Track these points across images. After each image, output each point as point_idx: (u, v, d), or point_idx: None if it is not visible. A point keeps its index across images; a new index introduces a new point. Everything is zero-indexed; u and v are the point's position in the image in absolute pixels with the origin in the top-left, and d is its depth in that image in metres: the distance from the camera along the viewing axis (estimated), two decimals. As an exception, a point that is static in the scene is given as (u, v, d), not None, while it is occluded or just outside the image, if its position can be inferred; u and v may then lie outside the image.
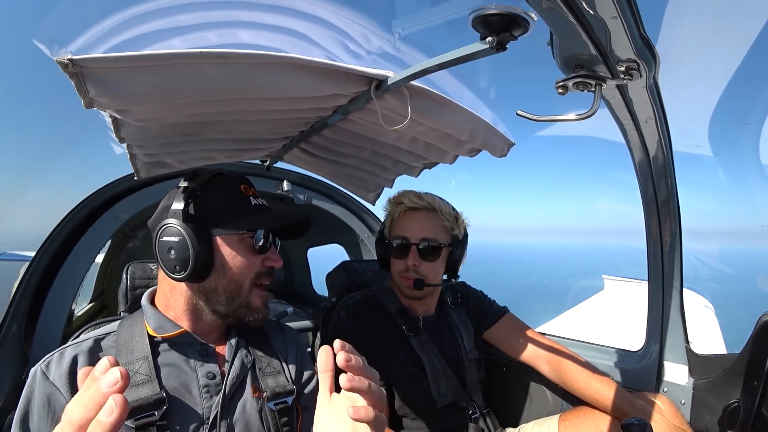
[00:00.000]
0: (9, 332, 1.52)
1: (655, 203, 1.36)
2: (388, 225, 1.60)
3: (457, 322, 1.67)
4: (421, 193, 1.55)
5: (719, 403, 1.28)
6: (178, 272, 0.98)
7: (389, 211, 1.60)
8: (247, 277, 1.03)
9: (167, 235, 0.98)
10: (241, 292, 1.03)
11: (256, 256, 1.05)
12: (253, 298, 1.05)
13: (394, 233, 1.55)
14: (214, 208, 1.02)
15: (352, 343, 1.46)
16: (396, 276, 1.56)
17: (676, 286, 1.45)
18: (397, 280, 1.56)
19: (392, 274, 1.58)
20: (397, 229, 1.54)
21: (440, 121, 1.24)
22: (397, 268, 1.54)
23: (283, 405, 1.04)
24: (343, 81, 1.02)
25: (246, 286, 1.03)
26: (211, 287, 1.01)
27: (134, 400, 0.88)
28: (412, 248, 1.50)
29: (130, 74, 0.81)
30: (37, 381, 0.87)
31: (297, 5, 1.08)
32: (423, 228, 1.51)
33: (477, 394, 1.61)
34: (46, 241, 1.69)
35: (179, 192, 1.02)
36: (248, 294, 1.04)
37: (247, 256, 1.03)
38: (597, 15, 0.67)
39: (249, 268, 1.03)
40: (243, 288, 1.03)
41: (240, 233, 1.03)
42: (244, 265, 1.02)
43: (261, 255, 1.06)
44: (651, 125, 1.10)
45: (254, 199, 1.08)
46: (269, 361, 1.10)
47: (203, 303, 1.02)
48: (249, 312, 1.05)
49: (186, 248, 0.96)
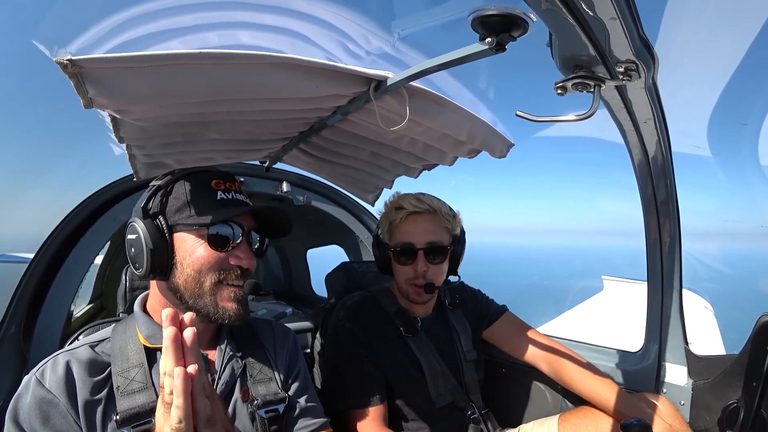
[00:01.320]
0: (8, 333, 1.52)
1: (654, 204, 1.36)
2: (385, 230, 1.55)
3: (454, 323, 1.67)
4: (419, 195, 1.53)
5: (718, 403, 1.28)
6: (138, 269, 0.99)
7: (388, 216, 1.55)
8: (207, 274, 0.98)
9: (129, 233, 1.00)
10: (203, 290, 0.98)
11: (219, 253, 0.99)
12: (220, 298, 0.99)
13: (396, 239, 1.51)
14: (176, 205, 1.00)
15: (351, 344, 1.47)
16: (403, 283, 1.52)
17: (676, 287, 1.45)
18: (404, 288, 1.52)
19: (397, 281, 1.55)
20: (400, 235, 1.51)
21: (439, 122, 1.24)
22: (404, 275, 1.51)
23: (273, 413, 1.03)
24: (342, 82, 1.02)
25: (207, 285, 0.98)
26: (175, 285, 0.99)
27: (131, 407, 0.88)
28: (419, 254, 1.47)
29: (129, 74, 0.81)
30: (31, 387, 0.86)
31: (296, 6, 1.08)
32: (427, 232, 1.49)
33: (476, 394, 1.61)
34: (46, 242, 1.69)
35: (147, 191, 1.03)
36: (212, 293, 0.98)
37: (206, 253, 0.98)
38: (596, 16, 0.67)
39: (207, 265, 0.98)
40: (204, 286, 0.98)
41: (197, 228, 0.98)
42: (202, 261, 0.97)
43: (224, 251, 1.00)
44: (650, 126, 1.11)
45: (224, 193, 1.03)
46: (260, 367, 1.08)
47: (175, 301, 1.00)
48: (217, 312, 0.99)
49: (141, 246, 0.96)
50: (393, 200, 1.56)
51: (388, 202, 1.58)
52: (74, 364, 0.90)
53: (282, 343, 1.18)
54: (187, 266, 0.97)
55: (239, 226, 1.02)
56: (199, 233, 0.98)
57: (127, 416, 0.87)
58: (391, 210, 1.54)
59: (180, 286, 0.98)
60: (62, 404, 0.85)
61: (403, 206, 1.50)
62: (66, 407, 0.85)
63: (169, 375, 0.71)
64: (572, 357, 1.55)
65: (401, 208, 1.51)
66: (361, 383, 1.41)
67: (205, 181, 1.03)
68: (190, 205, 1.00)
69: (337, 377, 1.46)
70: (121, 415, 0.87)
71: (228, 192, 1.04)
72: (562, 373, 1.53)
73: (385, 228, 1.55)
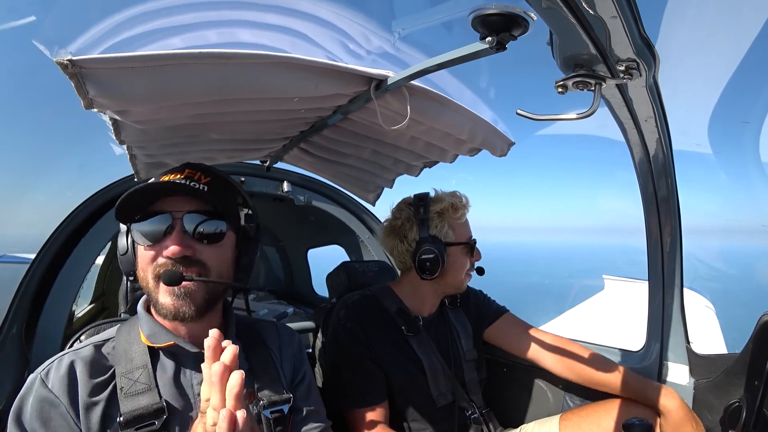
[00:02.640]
0: (9, 334, 1.52)
1: (655, 202, 1.36)
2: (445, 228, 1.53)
3: (455, 322, 1.67)
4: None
5: (720, 403, 1.28)
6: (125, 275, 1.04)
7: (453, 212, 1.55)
8: (146, 271, 0.94)
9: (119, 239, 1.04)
10: (149, 289, 0.95)
11: (151, 247, 0.93)
12: (159, 296, 0.93)
13: (466, 235, 1.58)
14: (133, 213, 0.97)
15: (351, 344, 1.47)
16: (462, 275, 1.59)
17: (677, 286, 1.45)
18: (463, 280, 1.60)
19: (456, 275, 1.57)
20: (467, 231, 1.59)
21: (440, 121, 1.24)
22: (465, 267, 1.59)
23: (278, 414, 1.03)
24: (343, 81, 1.02)
25: (150, 283, 0.94)
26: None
27: (135, 409, 0.87)
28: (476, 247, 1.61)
29: (130, 75, 0.81)
30: (35, 387, 0.86)
31: (297, 5, 1.08)
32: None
33: (477, 394, 1.61)
34: (47, 243, 1.69)
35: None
36: (155, 291, 0.93)
37: (143, 253, 0.95)
38: (596, 14, 0.67)
39: (144, 262, 0.94)
40: (149, 286, 0.94)
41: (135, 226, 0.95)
42: (143, 257, 0.95)
43: (157, 244, 0.93)
44: (651, 124, 1.10)
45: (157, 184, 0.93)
46: (265, 368, 1.08)
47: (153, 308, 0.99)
48: (163, 310, 0.93)
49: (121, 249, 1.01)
50: (452, 199, 1.57)
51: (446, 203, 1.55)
52: (78, 364, 0.90)
53: (287, 345, 1.18)
54: (140, 271, 0.97)
55: (170, 214, 0.93)
56: (138, 229, 0.95)
57: (131, 417, 0.86)
58: (457, 208, 1.56)
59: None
60: (63, 405, 0.85)
61: (466, 205, 1.59)
62: (67, 408, 0.85)
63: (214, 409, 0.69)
64: (577, 348, 1.57)
65: (465, 207, 1.58)
66: (361, 383, 1.41)
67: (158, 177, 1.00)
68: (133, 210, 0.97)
69: (338, 377, 1.46)
70: (125, 416, 0.87)
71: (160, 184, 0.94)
72: (571, 363, 1.54)
73: (446, 226, 1.54)
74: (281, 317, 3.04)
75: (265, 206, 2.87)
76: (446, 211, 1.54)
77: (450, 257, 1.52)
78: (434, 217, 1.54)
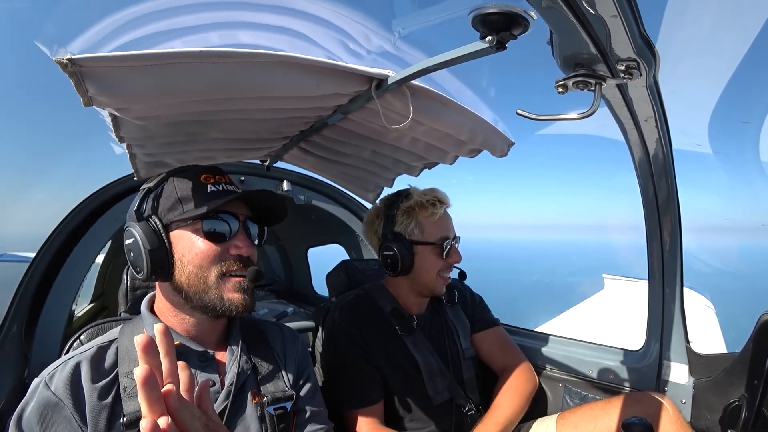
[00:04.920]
0: (9, 333, 1.52)
1: (655, 202, 1.36)
2: (413, 226, 1.50)
3: (453, 320, 1.67)
4: (436, 190, 1.55)
5: (720, 402, 1.28)
6: (140, 273, 0.98)
7: (421, 210, 1.51)
8: (209, 268, 0.96)
9: (126, 238, 1.00)
10: (207, 285, 0.96)
11: (217, 245, 0.97)
12: (225, 291, 0.97)
13: (437, 234, 1.50)
14: (168, 204, 0.99)
15: (347, 344, 1.47)
16: (434, 277, 1.52)
17: (677, 285, 1.45)
18: (434, 282, 1.52)
19: (426, 276, 1.52)
20: (440, 230, 1.51)
21: (440, 121, 1.24)
22: (436, 268, 1.51)
23: (281, 410, 1.03)
24: (343, 80, 1.02)
25: (211, 278, 0.96)
26: (179, 284, 0.97)
27: (137, 410, 0.87)
28: (453, 246, 1.53)
29: (129, 73, 0.81)
30: (38, 391, 0.86)
31: (297, 5, 1.08)
32: (452, 224, 1.56)
33: (474, 391, 1.61)
34: (47, 241, 1.69)
35: (138, 194, 1.03)
36: (217, 287, 0.97)
37: (205, 246, 0.96)
38: (597, 14, 0.67)
39: (208, 259, 0.96)
40: (208, 281, 0.96)
41: (191, 223, 0.97)
42: (202, 255, 0.96)
43: (223, 243, 0.98)
44: (651, 124, 1.10)
45: (214, 186, 1.01)
46: (269, 366, 1.08)
47: (181, 301, 0.99)
48: (223, 305, 0.97)
49: (139, 248, 0.95)
50: (422, 196, 1.52)
51: (413, 200, 1.52)
52: (84, 365, 0.90)
53: (291, 346, 1.18)
54: (187, 263, 0.96)
55: (234, 216, 1.00)
56: (195, 228, 0.97)
57: (134, 418, 0.86)
58: (424, 206, 1.50)
59: (183, 284, 0.97)
60: (68, 407, 0.84)
61: (443, 201, 1.52)
62: (71, 410, 0.84)
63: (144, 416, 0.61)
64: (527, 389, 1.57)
65: (441, 203, 1.52)
66: (357, 383, 1.41)
67: (193, 176, 1.02)
68: (182, 202, 0.98)
69: (334, 377, 1.46)
70: (128, 417, 0.86)
71: (218, 184, 1.02)
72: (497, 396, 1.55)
73: (412, 223, 1.50)
74: (281, 316, 3.04)
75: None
76: (414, 208, 1.52)
77: (418, 256, 1.50)
78: (400, 213, 1.52)
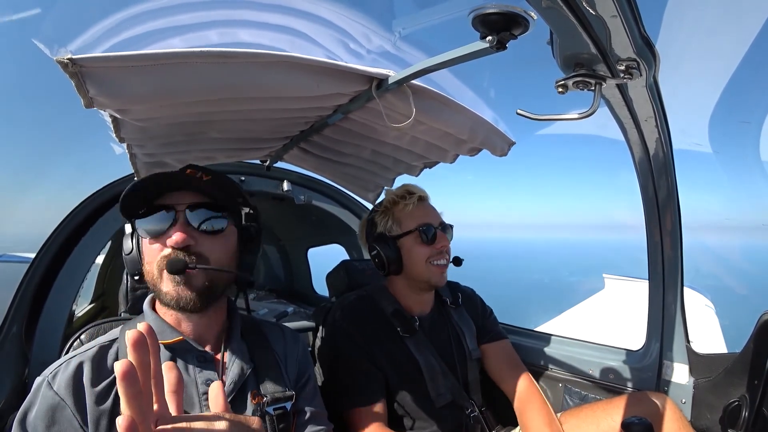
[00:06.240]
0: (9, 333, 1.52)
1: (655, 202, 1.36)
2: (390, 222, 1.53)
3: (458, 321, 1.66)
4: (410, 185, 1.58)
5: (720, 402, 1.28)
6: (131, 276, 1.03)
7: (394, 206, 1.53)
8: (152, 263, 0.96)
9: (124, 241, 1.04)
10: (154, 282, 0.96)
11: (155, 241, 0.95)
12: (164, 286, 0.94)
13: (414, 223, 1.50)
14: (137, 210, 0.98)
15: (348, 345, 1.47)
16: (425, 266, 1.50)
17: (677, 285, 1.45)
18: (426, 271, 1.51)
19: (416, 267, 1.51)
20: (416, 219, 1.51)
21: (441, 120, 1.24)
22: (425, 256, 1.50)
23: (281, 410, 1.03)
24: (343, 80, 1.02)
25: (155, 275, 0.95)
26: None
27: None
28: (438, 232, 1.51)
29: (130, 74, 0.81)
30: (41, 390, 0.86)
31: (297, 4, 1.08)
32: (436, 213, 1.56)
33: (477, 393, 1.61)
34: (47, 242, 1.69)
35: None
36: (160, 283, 0.95)
37: (152, 242, 0.96)
38: (597, 14, 0.67)
39: (150, 256, 0.96)
40: (154, 278, 0.96)
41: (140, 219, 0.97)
42: (149, 252, 0.96)
43: (160, 237, 0.95)
44: (651, 124, 1.10)
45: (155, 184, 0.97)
46: (269, 366, 1.08)
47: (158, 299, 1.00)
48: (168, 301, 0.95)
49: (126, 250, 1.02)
50: (393, 193, 1.56)
51: (385, 199, 1.58)
52: (86, 365, 0.90)
53: (292, 347, 1.18)
54: (146, 263, 0.99)
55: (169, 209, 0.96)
56: (145, 224, 0.97)
57: None
58: (396, 200, 1.53)
59: (148, 284, 1.00)
60: (69, 408, 0.84)
61: (414, 192, 1.53)
62: (72, 410, 0.84)
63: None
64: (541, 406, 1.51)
65: (412, 193, 1.53)
66: (358, 384, 1.40)
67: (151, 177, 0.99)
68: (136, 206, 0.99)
69: (335, 378, 1.46)
70: None
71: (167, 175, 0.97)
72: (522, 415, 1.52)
73: (389, 220, 1.54)
74: (281, 316, 3.04)
75: (265, 205, 2.86)
76: (388, 206, 1.55)
77: (404, 250, 1.51)
78: (378, 215, 1.56)
